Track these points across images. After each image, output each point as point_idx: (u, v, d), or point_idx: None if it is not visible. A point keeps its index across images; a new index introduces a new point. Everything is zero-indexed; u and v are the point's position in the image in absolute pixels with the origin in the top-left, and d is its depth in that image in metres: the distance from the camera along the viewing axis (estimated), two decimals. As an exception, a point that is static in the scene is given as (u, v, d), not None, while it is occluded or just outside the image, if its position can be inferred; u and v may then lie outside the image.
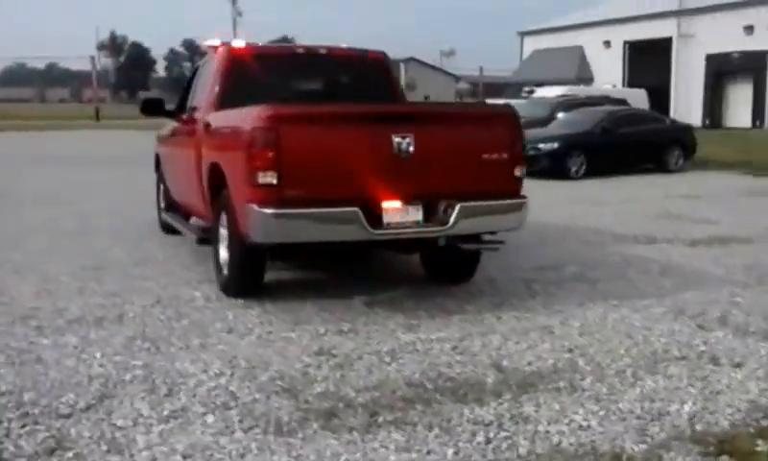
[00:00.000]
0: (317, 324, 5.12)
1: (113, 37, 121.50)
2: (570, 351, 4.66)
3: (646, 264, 7.21)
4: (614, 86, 32.70)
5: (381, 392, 3.99)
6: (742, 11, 36.71)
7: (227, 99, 6.33)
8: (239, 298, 5.65)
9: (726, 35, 36.68)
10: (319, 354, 4.53)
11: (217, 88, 6.38)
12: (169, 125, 8.23)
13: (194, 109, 7.14)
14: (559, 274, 6.72)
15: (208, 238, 6.47)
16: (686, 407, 3.86)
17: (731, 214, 10.66)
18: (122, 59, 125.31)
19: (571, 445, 3.45)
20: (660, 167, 17.06)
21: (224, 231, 5.87)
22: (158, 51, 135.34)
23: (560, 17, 50.87)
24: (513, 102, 15.86)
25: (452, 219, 5.16)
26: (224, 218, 5.79)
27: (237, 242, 5.43)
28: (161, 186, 8.74)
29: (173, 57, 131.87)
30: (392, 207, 5.09)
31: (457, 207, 5.15)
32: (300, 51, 6.66)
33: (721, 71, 37.97)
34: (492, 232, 5.72)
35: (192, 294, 5.86)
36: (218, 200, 5.93)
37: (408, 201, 5.12)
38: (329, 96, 6.69)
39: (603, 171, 15.72)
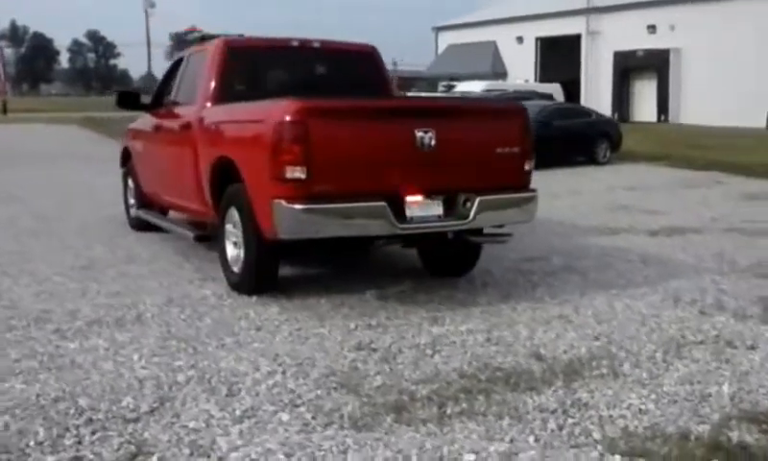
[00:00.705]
0: (341, 319, 5.09)
1: (14, 27, 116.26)
2: (596, 338, 4.78)
3: (623, 254, 7.44)
4: (527, 81, 33.48)
5: (438, 384, 4.00)
6: (645, 10, 38.19)
7: (224, 93, 6.20)
8: (252, 295, 5.54)
9: (631, 33, 38.10)
10: (359, 349, 4.51)
11: (213, 82, 6.23)
12: (144, 119, 7.98)
13: (179, 102, 6.95)
14: (548, 265, 6.87)
15: (207, 235, 6.33)
16: (725, 388, 4.02)
17: (675, 205, 11.12)
18: (23, 49, 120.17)
19: (638, 428, 3.54)
20: (591, 160, 17.59)
21: (231, 228, 5.75)
22: (62, 42, 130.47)
23: (474, 13, 51.69)
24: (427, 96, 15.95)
25: (472, 213, 5.21)
26: (232, 215, 5.67)
27: (254, 239, 5.33)
28: (130, 183, 8.46)
29: (77, 48, 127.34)
30: (414, 201, 5.10)
31: (477, 201, 5.21)
32: (295, 44, 6.57)
33: (627, 67, 39.43)
34: (500, 225, 5.80)
35: (202, 292, 5.72)
36: (223, 196, 5.80)
37: (429, 195, 5.15)
38: (326, 90, 6.64)
39: (541, 164, 16.04)
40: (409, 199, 5.09)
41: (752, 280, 6.38)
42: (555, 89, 26.29)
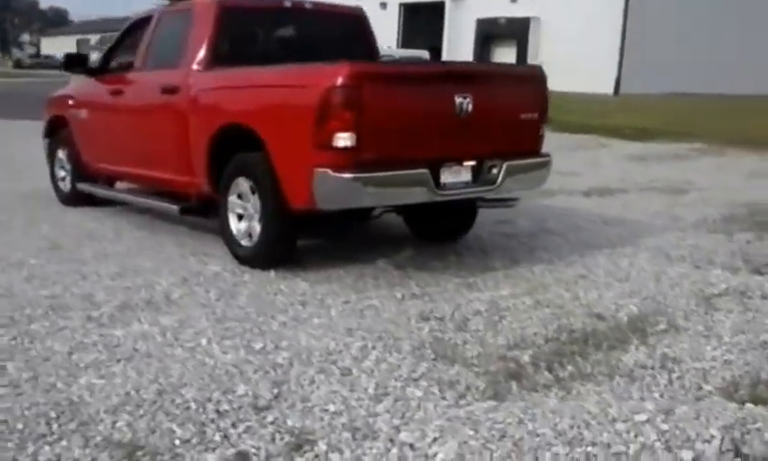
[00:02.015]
0: (377, 289, 4.94)
1: None
2: (631, 296, 4.93)
3: (580, 214, 7.72)
4: (389, 48, 33.66)
5: (531, 349, 3.99)
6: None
7: (216, 57, 5.80)
8: (269, 269, 5.26)
9: (494, 1, 39.11)
10: (425, 319, 4.41)
11: (206, 45, 5.79)
12: (87, 84, 7.30)
13: (151, 67, 6.41)
14: (521, 227, 6.99)
15: (192, 208, 5.93)
16: (775, 336, 4.28)
17: (578, 166, 11.60)
18: None
19: (735, 377, 3.70)
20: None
21: (236, 200, 5.42)
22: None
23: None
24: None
25: (500, 178, 5.20)
26: (240, 185, 5.35)
27: (277, 210, 5.05)
28: (60, 154, 7.75)
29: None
30: (448, 168, 5.02)
31: (504, 166, 5.21)
32: (288, 5, 6.22)
33: (489, 35, 40.51)
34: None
35: (211, 269, 5.35)
36: (227, 166, 5.45)
37: (461, 161, 5.08)
38: (320, 52, 6.34)
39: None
40: (445, 165, 4.98)
41: (711, 236, 6.80)
42: (424, 56, 26.61)
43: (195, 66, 5.79)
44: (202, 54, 5.76)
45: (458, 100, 4.91)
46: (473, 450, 2.81)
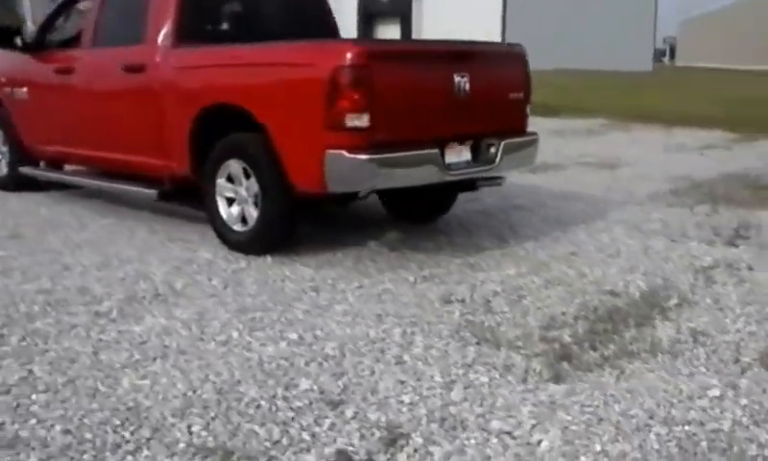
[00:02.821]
0: (382, 273, 4.84)
1: None
2: (632, 271, 5.04)
3: (538, 190, 7.84)
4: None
5: (567, 329, 4.00)
6: (388, -43, 39.30)
7: (185, 33, 5.50)
8: (263, 255, 5.06)
9: (374, -22, 39.02)
10: (448, 302, 4.35)
11: (173, 20, 5.47)
12: (25, 62, 6.77)
13: (103, 43, 6.02)
14: (490, 203, 7.02)
15: (169, 192, 5.63)
16: (778, 304, 4.48)
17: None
18: None
19: (765, 348, 3.84)
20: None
21: (225, 183, 5.18)
22: None
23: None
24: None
25: (498, 157, 5.18)
26: (230, 168, 5.12)
27: (279, 193, 4.86)
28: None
29: None
30: (451, 148, 4.96)
31: (502, 145, 5.19)
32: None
33: (372, 13, 40.44)
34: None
35: (202, 256, 5.11)
36: (215, 148, 5.19)
37: (462, 141, 5.03)
38: (284, 29, 6.13)
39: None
40: (448, 145, 4.92)
41: (672, 210, 7.05)
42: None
43: (161, 43, 5.45)
44: (167, 30, 5.45)
45: (456, 79, 4.86)
46: (579, 435, 2.77)
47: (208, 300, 4.26)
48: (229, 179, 5.17)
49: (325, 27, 6.48)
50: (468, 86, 4.91)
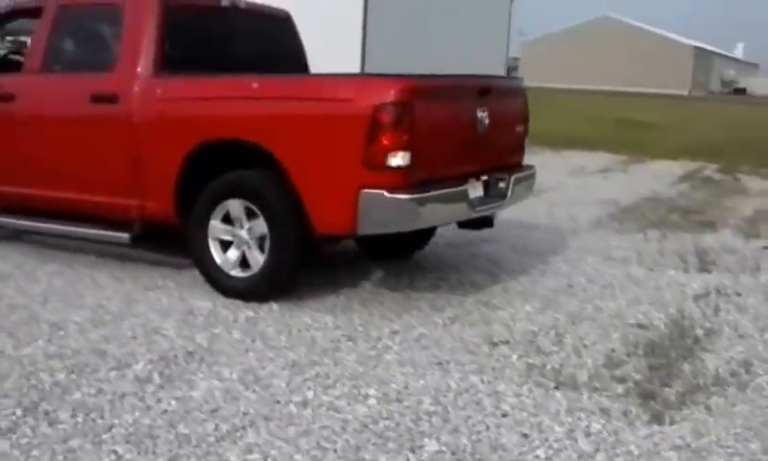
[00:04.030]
0: (400, 317, 4.87)
1: None
2: (638, 302, 5.39)
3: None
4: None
5: (627, 366, 4.22)
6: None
7: (166, 60, 5.30)
8: (265, 301, 4.95)
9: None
10: (494, 344, 4.47)
11: (152, 46, 5.25)
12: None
13: (60, 68, 5.68)
14: (458, 236, 7.16)
15: (140, 235, 5.39)
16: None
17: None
18: None
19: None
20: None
21: (219, 225, 5.04)
22: None
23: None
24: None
25: (510, 191, 5.37)
26: (228, 208, 4.98)
27: (294, 235, 4.79)
28: None
29: None
30: (470, 184, 5.09)
31: (512, 179, 5.38)
32: (226, 4, 5.80)
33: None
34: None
35: (200, 305, 4.91)
36: (209, 187, 5.04)
37: (478, 176, 5.17)
38: (259, 55, 6.05)
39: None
40: (468, 181, 5.05)
41: (624, 236, 7.56)
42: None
43: (140, 70, 5.21)
44: (147, 56, 5.20)
45: (480, 114, 5.00)
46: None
47: (245, 356, 4.12)
48: (226, 220, 5.00)
49: (296, 50, 6.43)
50: (487, 122, 5.06)
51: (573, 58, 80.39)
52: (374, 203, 4.45)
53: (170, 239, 5.53)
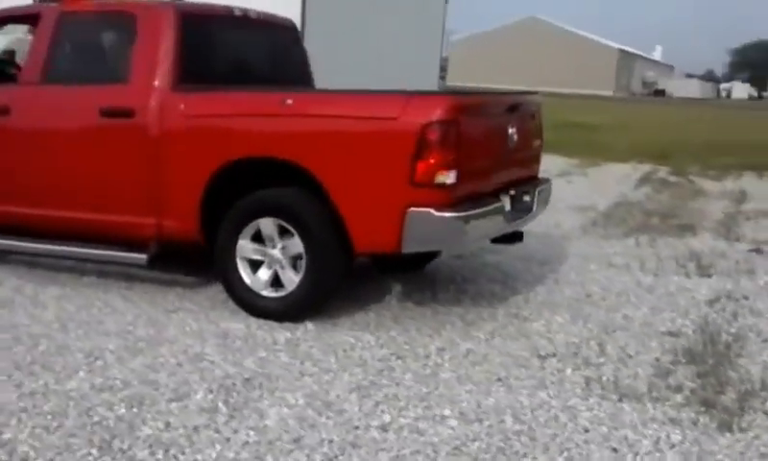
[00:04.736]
0: (439, 332, 4.89)
1: None
2: (660, 310, 5.52)
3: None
4: None
5: (678, 375, 4.33)
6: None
7: (184, 73, 5.20)
8: (299, 321, 4.89)
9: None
10: (542, 357, 4.53)
11: (169, 59, 5.13)
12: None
13: (51, 80, 5.49)
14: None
15: (156, 256, 5.27)
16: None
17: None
18: None
19: None
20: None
21: (248, 245, 4.96)
22: None
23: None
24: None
25: (535, 204, 5.44)
26: (258, 227, 4.91)
27: (333, 254, 4.75)
28: None
29: None
30: (501, 198, 5.14)
31: (537, 192, 5.45)
32: (238, 14, 5.70)
33: None
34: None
35: (231, 327, 4.82)
36: (237, 206, 4.97)
37: (507, 191, 5.22)
38: (267, 70, 5.98)
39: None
40: (500, 196, 5.10)
41: (613, 242, 7.75)
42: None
43: (158, 84, 5.09)
44: (164, 70, 5.08)
45: (510, 130, 5.06)
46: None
47: (302, 380, 4.08)
48: (255, 239, 4.92)
49: (304, 73, 6.39)
50: (516, 137, 5.12)
51: (500, 58, 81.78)
52: (421, 221, 4.45)
53: (169, 258, 5.41)
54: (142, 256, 5.16)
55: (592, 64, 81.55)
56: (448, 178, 4.44)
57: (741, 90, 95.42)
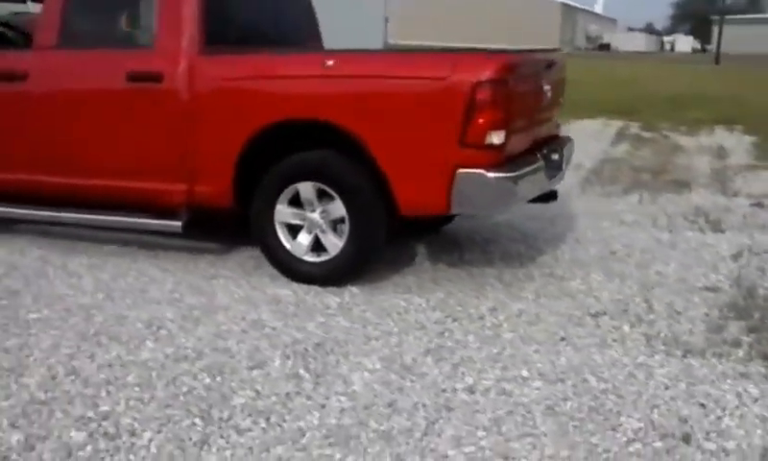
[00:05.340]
0: (485, 293, 4.99)
1: None
2: (689, 266, 5.73)
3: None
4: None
5: (731, 330, 4.52)
6: None
7: (211, 35, 5.16)
8: (343, 285, 4.96)
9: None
10: (595, 316, 4.66)
11: (195, 22, 5.08)
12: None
13: (67, 44, 5.39)
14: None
15: (189, 222, 5.27)
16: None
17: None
18: None
19: None
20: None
21: (285, 209, 4.99)
22: None
23: None
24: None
25: (564, 162, 5.57)
26: (301, 191, 4.93)
27: (378, 216, 4.82)
28: None
29: None
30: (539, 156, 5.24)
31: (565, 150, 5.58)
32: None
33: None
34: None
35: (279, 293, 4.86)
36: (275, 169, 4.98)
37: (541, 149, 5.33)
38: (284, 31, 5.96)
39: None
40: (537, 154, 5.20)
41: (613, 198, 7.95)
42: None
43: (186, 48, 5.04)
44: (190, 33, 5.03)
45: (545, 88, 5.16)
46: None
47: (369, 344, 4.16)
48: (294, 203, 4.95)
49: (315, 34, 6.39)
50: (549, 95, 5.22)
51: (442, 15, 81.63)
52: (471, 182, 4.52)
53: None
54: (177, 223, 5.14)
55: (535, 19, 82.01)
56: (498, 138, 4.51)
57: (685, 43, 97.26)
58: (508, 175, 4.57)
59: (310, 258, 4.97)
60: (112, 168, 5.26)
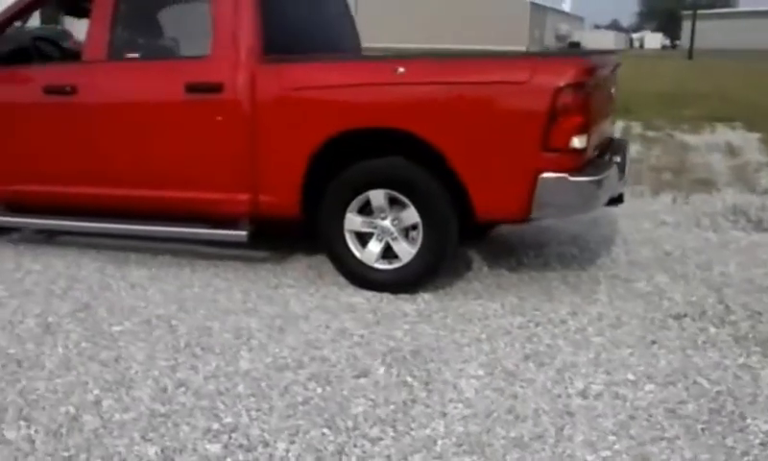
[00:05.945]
0: (555, 297, 5.08)
1: None
2: (741, 265, 5.87)
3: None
4: None
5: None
6: None
7: (267, 44, 5.20)
8: (414, 292, 5.02)
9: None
10: (677, 318, 4.76)
11: (252, 31, 5.09)
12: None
13: (116, 56, 5.40)
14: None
15: (254, 232, 5.30)
16: None
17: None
18: None
19: None
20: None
21: (355, 217, 5.03)
22: None
23: None
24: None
25: (627, 165, 5.67)
26: (373, 199, 4.98)
27: (453, 223, 4.88)
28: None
29: None
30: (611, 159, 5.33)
31: (626, 153, 5.67)
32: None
33: None
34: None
35: (353, 301, 4.91)
36: (343, 177, 5.02)
37: (606, 151, 5.42)
38: (329, 38, 6.02)
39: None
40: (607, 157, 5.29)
41: (646, 199, 8.08)
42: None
43: (244, 57, 5.06)
44: (248, 42, 5.05)
45: (612, 90, 5.26)
46: None
47: (462, 351, 4.22)
48: (365, 211, 5.00)
49: (355, 39, 6.44)
50: (613, 96, 5.31)
51: (408, 16, 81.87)
52: (555, 187, 4.59)
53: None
54: (242, 233, 5.17)
55: (504, 18, 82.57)
56: (580, 141, 4.59)
57: (653, 40, 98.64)
58: (591, 179, 4.65)
59: (382, 266, 5.00)
60: (172, 179, 5.26)
